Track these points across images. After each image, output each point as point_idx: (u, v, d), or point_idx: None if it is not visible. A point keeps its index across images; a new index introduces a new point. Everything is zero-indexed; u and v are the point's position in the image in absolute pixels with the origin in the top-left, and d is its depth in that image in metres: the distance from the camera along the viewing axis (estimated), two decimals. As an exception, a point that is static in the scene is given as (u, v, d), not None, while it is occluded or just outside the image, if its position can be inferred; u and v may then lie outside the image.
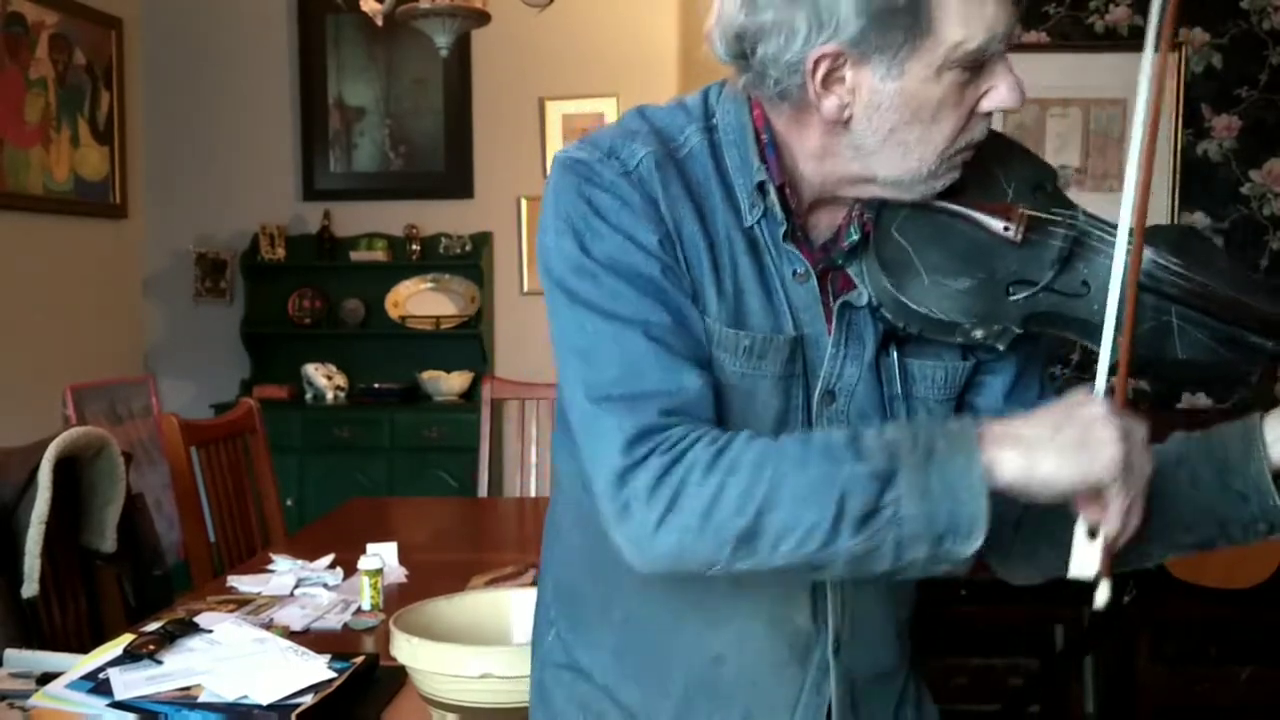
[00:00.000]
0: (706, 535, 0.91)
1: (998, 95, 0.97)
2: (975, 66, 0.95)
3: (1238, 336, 1.00)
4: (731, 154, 1.03)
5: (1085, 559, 0.91)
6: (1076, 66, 3.91)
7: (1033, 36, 3.97)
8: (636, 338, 0.96)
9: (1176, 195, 3.98)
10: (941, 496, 0.87)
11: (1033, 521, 1.08)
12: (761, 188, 1.02)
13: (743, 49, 0.98)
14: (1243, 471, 0.99)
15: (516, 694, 1.37)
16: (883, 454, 0.89)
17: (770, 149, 1.02)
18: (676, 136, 1.04)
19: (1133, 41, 3.77)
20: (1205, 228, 4.03)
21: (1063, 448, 0.87)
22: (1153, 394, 4.09)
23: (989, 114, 0.99)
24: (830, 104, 0.96)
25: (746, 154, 1.02)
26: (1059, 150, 3.97)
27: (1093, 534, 0.90)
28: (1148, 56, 0.95)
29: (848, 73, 0.95)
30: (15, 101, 4.07)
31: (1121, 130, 3.96)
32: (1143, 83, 0.95)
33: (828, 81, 0.96)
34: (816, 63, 0.94)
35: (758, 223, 1.02)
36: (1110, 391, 0.94)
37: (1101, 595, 0.91)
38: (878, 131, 0.97)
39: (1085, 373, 3.98)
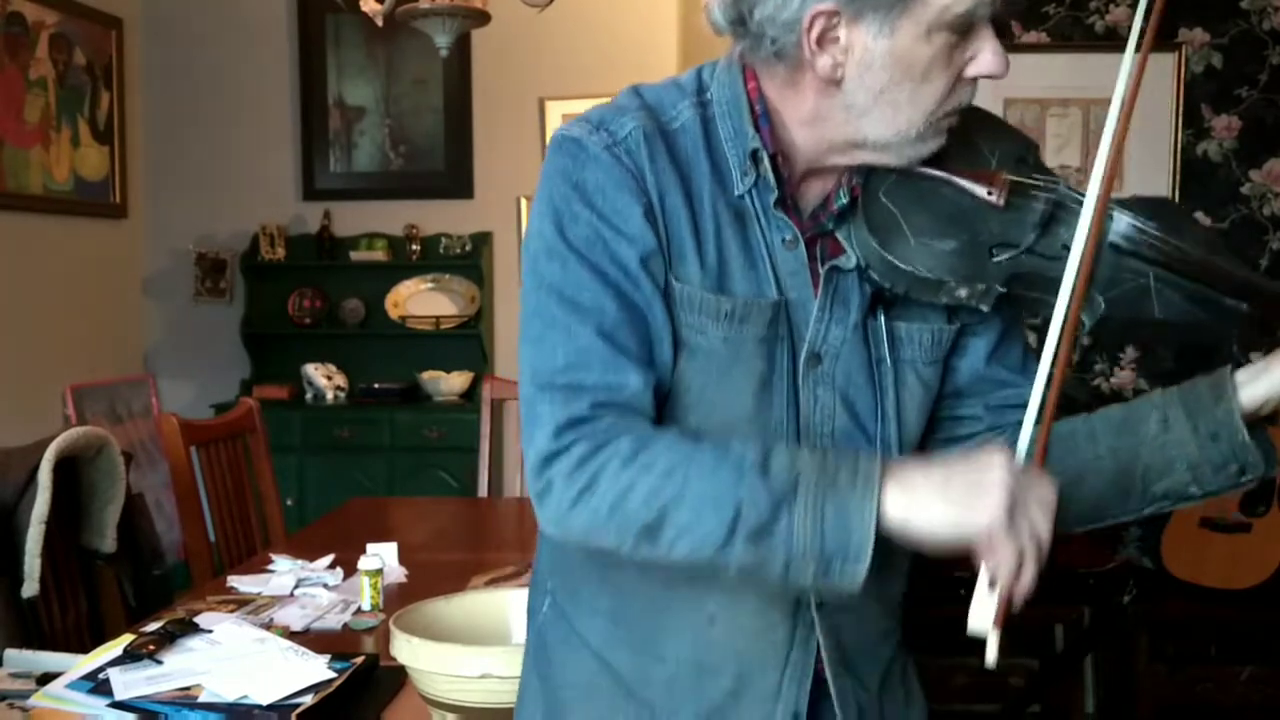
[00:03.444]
0: (613, 523, 0.98)
1: (983, 61, 1.01)
2: (963, 29, 0.99)
3: (1212, 298, 1.05)
4: (725, 125, 1.07)
5: (981, 610, 0.93)
6: (1076, 66, 3.90)
7: (1033, 36, 3.97)
8: (589, 331, 1.01)
9: (1176, 195, 3.98)
10: (833, 524, 0.93)
11: None
12: (755, 156, 1.05)
13: (740, 13, 1.02)
14: (1212, 412, 1.04)
15: (516, 694, 1.37)
16: (787, 476, 0.94)
17: (764, 119, 1.06)
18: (668, 110, 1.08)
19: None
20: (1205, 228, 4.03)
21: (947, 496, 0.92)
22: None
23: (975, 80, 1.03)
24: (824, 63, 1.00)
25: (741, 123, 1.07)
26: (1059, 150, 3.96)
27: (993, 585, 0.93)
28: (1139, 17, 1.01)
29: (842, 31, 0.99)
30: (15, 101, 4.07)
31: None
32: (1135, 25, 1.00)
33: (822, 41, 1.00)
34: (813, 20, 0.98)
35: (749, 191, 1.06)
36: (1031, 449, 1.00)
37: (991, 649, 0.93)
38: (869, 90, 1.01)
39: (1083, 371, 3.98)
